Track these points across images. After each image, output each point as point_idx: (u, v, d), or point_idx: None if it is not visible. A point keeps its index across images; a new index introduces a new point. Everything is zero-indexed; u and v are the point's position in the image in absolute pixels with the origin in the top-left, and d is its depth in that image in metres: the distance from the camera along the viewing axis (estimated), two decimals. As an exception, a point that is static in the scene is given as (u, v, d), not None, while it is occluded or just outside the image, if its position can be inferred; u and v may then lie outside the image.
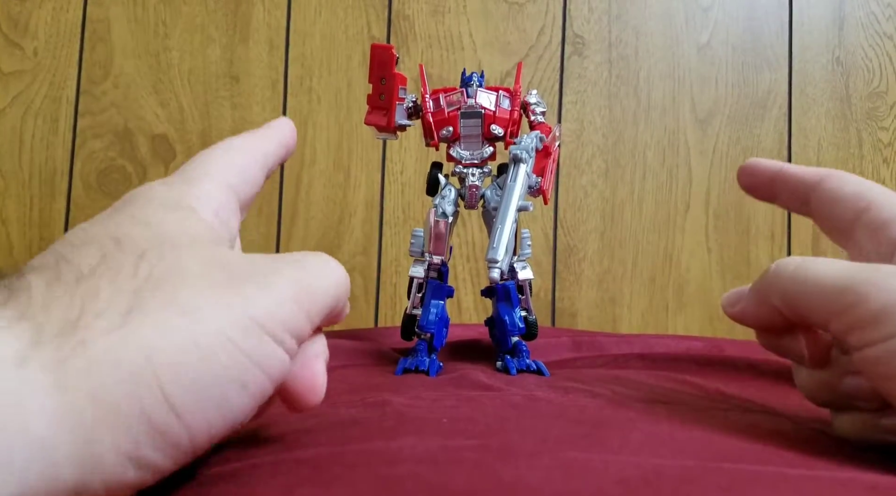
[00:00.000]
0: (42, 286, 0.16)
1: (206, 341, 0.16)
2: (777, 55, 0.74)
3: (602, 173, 0.73)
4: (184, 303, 0.16)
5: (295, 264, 0.20)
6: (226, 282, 0.17)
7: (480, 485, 0.16)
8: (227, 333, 0.16)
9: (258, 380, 0.17)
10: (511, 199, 0.34)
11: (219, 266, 0.18)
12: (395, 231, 0.71)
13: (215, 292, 0.17)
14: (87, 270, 0.16)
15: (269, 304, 0.18)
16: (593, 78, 0.73)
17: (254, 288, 0.18)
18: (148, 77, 0.71)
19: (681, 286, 0.72)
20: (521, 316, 0.41)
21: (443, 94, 0.42)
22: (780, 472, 0.18)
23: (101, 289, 0.16)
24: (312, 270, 0.20)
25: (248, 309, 0.17)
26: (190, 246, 0.18)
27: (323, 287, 0.20)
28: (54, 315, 0.15)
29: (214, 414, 0.16)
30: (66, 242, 0.18)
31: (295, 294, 0.19)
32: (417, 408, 0.23)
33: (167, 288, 0.16)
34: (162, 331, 0.15)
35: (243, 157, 0.23)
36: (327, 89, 0.72)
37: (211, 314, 0.16)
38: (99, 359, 0.15)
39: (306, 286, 0.19)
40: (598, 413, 0.24)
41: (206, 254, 0.18)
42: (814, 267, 0.22)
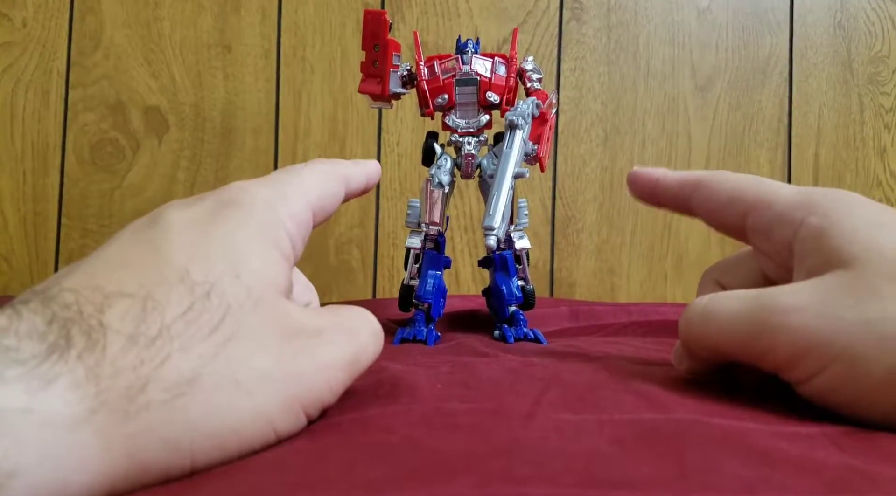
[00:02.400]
0: (119, 345, 0.15)
1: (247, 425, 0.16)
2: (778, 19, 0.73)
3: (601, 141, 0.72)
4: (242, 380, 0.16)
5: (352, 332, 0.20)
6: (286, 352, 0.18)
7: (475, 448, 0.16)
8: (270, 416, 0.17)
9: (271, 440, 0.17)
10: (507, 165, 0.33)
11: (286, 333, 0.18)
12: (392, 203, 0.71)
13: (274, 364, 0.17)
14: (170, 320, 0.16)
15: (317, 383, 0.18)
16: (592, 44, 0.72)
17: (309, 362, 0.18)
18: (139, 48, 0.69)
19: (679, 256, 0.72)
20: (518, 285, 0.41)
21: (437, 62, 0.42)
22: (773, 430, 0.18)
23: (174, 355, 0.16)
24: (363, 341, 0.20)
25: (299, 389, 0.18)
26: (267, 306, 0.18)
27: (366, 361, 0.20)
28: (120, 382, 0.15)
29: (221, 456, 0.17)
30: (161, 272, 0.17)
31: (342, 369, 0.19)
32: (413, 375, 0.23)
33: (234, 358, 0.17)
34: (212, 412, 0.16)
35: (332, 186, 0.23)
36: (321, 58, 0.71)
37: (262, 393, 0.17)
38: (147, 431, 0.15)
39: (354, 362, 0.20)
40: (593, 375, 0.24)
41: (279, 317, 0.18)
42: (717, 312, 0.22)
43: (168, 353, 0.16)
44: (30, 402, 0.14)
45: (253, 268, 0.18)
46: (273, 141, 0.70)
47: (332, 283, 0.70)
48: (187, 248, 0.18)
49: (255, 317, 0.17)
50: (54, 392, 0.14)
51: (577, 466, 0.15)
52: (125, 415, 0.15)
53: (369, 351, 0.20)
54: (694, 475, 0.14)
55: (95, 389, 0.15)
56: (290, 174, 0.22)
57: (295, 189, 0.22)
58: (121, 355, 0.15)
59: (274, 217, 0.20)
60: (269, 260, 0.19)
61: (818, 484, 0.14)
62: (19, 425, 0.13)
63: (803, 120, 0.73)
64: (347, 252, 0.71)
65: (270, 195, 0.20)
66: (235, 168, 0.70)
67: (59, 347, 0.15)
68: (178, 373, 0.16)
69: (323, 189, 0.23)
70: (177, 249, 0.18)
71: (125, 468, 0.15)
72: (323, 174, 0.23)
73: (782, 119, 0.73)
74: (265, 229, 0.19)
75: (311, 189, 0.22)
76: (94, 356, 0.15)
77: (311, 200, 0.22)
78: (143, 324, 0.16)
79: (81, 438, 0.14)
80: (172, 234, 0.18)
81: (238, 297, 0.17)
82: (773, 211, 0.23)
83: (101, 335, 0.15)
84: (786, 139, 0.73)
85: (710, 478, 0.14)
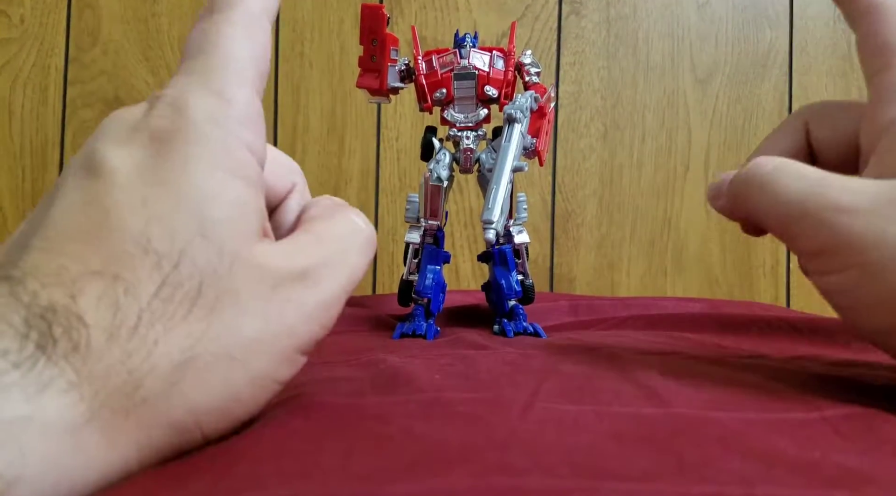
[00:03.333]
0: (102, 340, 0.15)
1: (248, 391, 0.16)
2: (778, 12, 0.72)
3: (600, 136, 0.72)
4: (234, 353, 0.16)
5: (340, 258, 0.19)
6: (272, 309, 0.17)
7: (473, 440, 0.16)
8: (267, 374, 0.17)
9: (276, 389, 0.17)
10: (506, 158, 0.33)
11: (269, 287, 0.17)
12: (391, 199, 0.71)
13: (262, 326, 0.17)
14: (146, 301, 0.15)
15: (310, 329, 0.18)
16: (591, 38, 0.72)
17: (298, 312, 0.17)
18: (137, 44, 0.69)
19: (679, 250, 0.72)
20: (517, 280, 0.41)
21: (435, 56, 0.42)
22: (774, 419, 0.18)
23: (160, 341, 0.15)
24: (354, 263, 0.19)
25: (291, 341, 0.17)
26: (243, 263, 0.17)
27: (359, 278, 0.19)
28: (113, 381, 0.15)
29: (231, 423, 0.17)
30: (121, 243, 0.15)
31: (334, 306, 0.18)
32: (411, 366, 0.23)
33: (222, 332, 0.16)
34: (211, 390, 0.16)
35: (259, 38, 0.19)
36: (319, 54, 0.70)
37: (256, 359, 0.16)
38: (150, 421, 0.15)
39: (349, 284, 0.19)
40: (592, 367, 0.24)
41: (257, 271, 0.17)
42: (778, 185, 0.21)
43: (154, 340, 0.15)
44: (28, 409, 0.13)
45: (218, 218, 0.16)
46: (272, 136, 0.70)
47: (331, 279, 0.70)
48: (140, 209, 0.16)
49: (232, 280, 0.16)
50: (50, 396, 0.14)
51: (574, 458, 0.15)
52: (125, 411, 0.15)
53: (361, 267, 0.19)
54: (691, 469, 0.14)
55: (90, 390, 0.14)
56: (214, 55, 0.18)
57: (230, 76, 0.18)
58: (107, 352, 0.15)
59: (224, 134, 0.17)
60: (234, 199, 0.17)
61: (817, 479, 0.14)
62: (21, 434, 0.13)
63: (803, 113, 0.73)
64: (347, 248, 0.70)
65: (209, 104, 0.17)
66: (234, 164, 0.70)
67: (45, 349, 0.14)
68: (168, 360, 0.15)
69: (254, 52, 0.19)
70: (129, 211, 0.16)
71: (137, 458, 0.15)
72: (245, 29, 0.19)
73: (782, 112, 0.72)
74: (219, 157, 0.17)
75: (244, 63, 0.18)
76: (80, 355, 0.14)
77: (252, 79, 0.18)
78: (120, 312, 0.15)
79: (84, 440, 0.14)
80: (117, 190, 0.16)
81: (210, 262, 0.16)
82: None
83: (81, 332, 0.15)
84: (786, 133, 0.73)
85: (707, 472, 0.14)
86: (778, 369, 0.26)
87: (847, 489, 0.14)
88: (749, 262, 0.72)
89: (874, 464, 0.15)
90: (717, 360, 0.27)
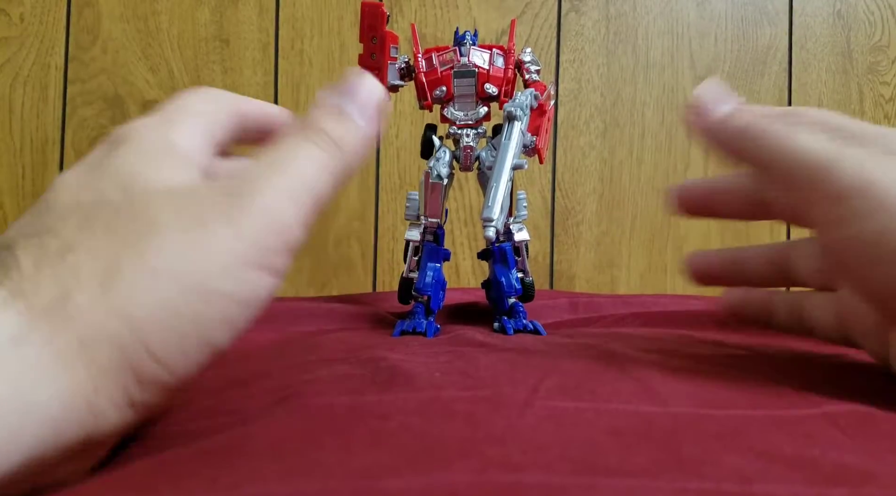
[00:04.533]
0: (31, 264, 0.16)
1: (184, 298, 0.16)
2: (777, 9, 0.72)
3: (600, 133, 0.72)
4: (157, 264, 0.16)
5: (274, 167, 0.18)
6: (200, 223, 0.17)
7: (472, 436, 0.16)
8: (205, 283, 0.16)
9: (244, 314, 0.17)
10: (506, 156, 0.33)
11: (192, 207, 0.17)
12: (391, 197, 0.71)
13: (189, 240, 0.17)
14: (70, 241, 0.16)
15: (250, 234, 0.17)
16: (591, 35, 0.72)
17: (228, 222, 0.17)
18: (137, 42, 0.69)
19: (679, 247, 0.72)
20: (517, 277, 0.41)
21: (435, 54, 0.42)
22: (773, 416, 0.18)
23: (82, 263, 0.16)
24: (296, 166, 0.18)
25: (225, 249, 0.17)
26: (163, 193, 0.17)
27: (310, 181, 0.19)
28: (43, 293, 0.15)
29: (201, 353, 0.17)
30: (52, 208, 0.18)
31: (280, 207, 0.18)
32: (411, 363, 0.23)
33: (141, 247, 0.16)
34: (140, 298, 0.16)
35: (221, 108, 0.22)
36: (319, 52, 0.70)
37: (186, 267, 0.16)
38: (88, 334, 0.15)
39: (292, 190, 0.18)
40: (591, 364, 0.24)
41: (178, 197, 0.17)
42: (802, 133, 0.22)
43: (75, 263, 0.16)
44: None
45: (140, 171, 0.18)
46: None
47: (331, 277, 0.70)
48: (75, 189, 0.18)
49: (149, 204, 0.17)
50: None
51: (573, 454, 0.15)
52: (62, 323, 0.15)
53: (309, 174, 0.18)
54: (690, 466, 0.14)
55: (25, 305, 0.15)
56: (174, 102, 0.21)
57: (181, 114, 0.20)
58: (35, 271, 0.16)
59: (163, 137, 0.19)
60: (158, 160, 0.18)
61: (816, 476, 0.14)
62: None
63: (803, 110, 0.72)
64: (347, 245, 0.71)
65: (154, 121, 0.20)
66: (234, 162, 0.70)
67: None
68: (94, 275, 0.16)
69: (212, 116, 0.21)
70: (66, 190, 0.18)
71: (88, 380, 0.15)
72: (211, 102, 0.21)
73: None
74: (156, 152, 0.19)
75: (198, 115, 0.20)
76: (11, 275, 0.16)
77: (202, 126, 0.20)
78: (45, 245, 0.16)
79: (27, 353, 0.15)
80: (62, 180, 0.18)
81: (126, 200, 0.17)
82: None
83: (10, 259, 0.16)
84: (786, 130, 0.73)
85: (706, 469, 0.14)
86: (777, 366, 0.26)
87: (847, 486, 0.14)
88: (749, 260, 0.72)
89: (874, 462, 0.15)
90: (717, 358, 0.27)
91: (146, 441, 0.18)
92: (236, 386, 0.22)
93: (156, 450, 0.17)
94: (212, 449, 0.16)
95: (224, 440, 0.16)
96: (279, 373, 0.23)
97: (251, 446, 0.16)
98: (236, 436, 0.16)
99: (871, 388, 0.21)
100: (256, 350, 0.30)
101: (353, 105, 0.20)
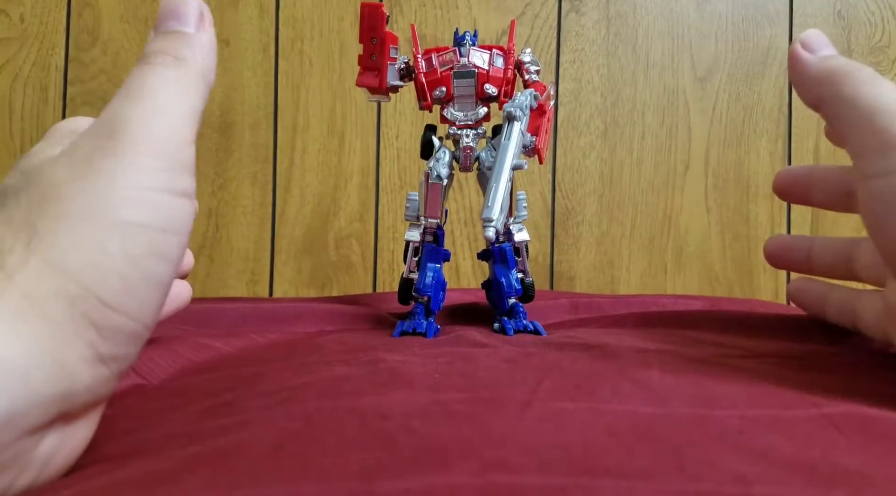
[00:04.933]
0: None
1: (106, 238, 0.17)
2: (777, 10, 0.72)
3: (600, 134, 0.72)
4: (69, 212, 0.17)
5: (133, 98, 0.19)
6: (92, 168, 0.17)
7: (470, 437, 0.16)
8: (118, 218, 0.17)
9: (170, 241, 0.18)
10: (505, 156, 0.33)
11: (80, 157, 0.18)
12: (391, 197, 0.71)
13: (89, 185, 0.17)
14: None
15: (139, 163, 0.18)
16: (591, 36, 0.72)
17: (116, 156, 0.18)
18: (137, 43, 0.69)
19: (680, 247, 0.72)
20: (517, 277, 0.41)
21: (435, 54, 0.42)
22: (773, 417, 0.18)
23: (5, 235, 0.17)
24: (151, 90, 0.19)
25: (123, 183, 0.17)
26: (51, 159, 0.18)
27: (173, 99, 0.19)
28: None
29: (148, 291, 0.17)
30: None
31: (156, 130, 0.18)
32: (410, 365, 0.23)
33: (49, 207, 0.17)
34: (65, 249, 0.16)
35: None
36: (319, 52, 0.70)
37: (95, 210, 0.17)
38: (31, 291, 0.16)
39: (160, 113, 0.19)
40: (591, 364, 0.24)
41: (65, 156, 0.18)
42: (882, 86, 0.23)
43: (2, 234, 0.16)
44: None
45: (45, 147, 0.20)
46: (272, 135, 0.70)
47: (332, 278, 0.70)
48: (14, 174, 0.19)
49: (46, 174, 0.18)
50: None
51: (572, 455, 0.15)
52: (4, 282, 0.15)
53: (176, 102, 0.19)
54: (689, 467, 0.14)
55: None
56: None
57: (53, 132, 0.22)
58: None
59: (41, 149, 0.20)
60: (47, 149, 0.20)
61: (815, 478, 0.14)
62: None
63: (803, 110, 0.72)
64: (347, 246, 0.71)
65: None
66: (234, 162, 0.70)
67: None
68: (16, 241, 0.16)
69: None
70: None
71: (48, 334, 0.15)
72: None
73: (782, 109, 0.72)
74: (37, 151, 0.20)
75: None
76: None
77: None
78: None
79: None
80: None
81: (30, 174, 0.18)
82: None
83: None
84: (786, 130, 0.73)
85: (704, 471, 0.14)
86: (777, 367, 0.26)
87: (846, 488, 0.14)
88: (749, 260, 0.72)
89: (873, 464, 0.15)
90: (717, 358, 0.27)
91: (146, 442, 0.18)
92: (236, 387, 0.22)
93: (155, 450, 0.17)
94: (211, 450, 0.16)
95: (223, 441, 0.16)
96: (279, 375, 0.23)
97: (250, 448, 0.16)
98: (236, 437, 0.16)
99: (870, 390, 0.21)
100: (256, 351, 0.30)
101: (172, 21, 0.21)
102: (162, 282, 0.18)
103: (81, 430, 0.17)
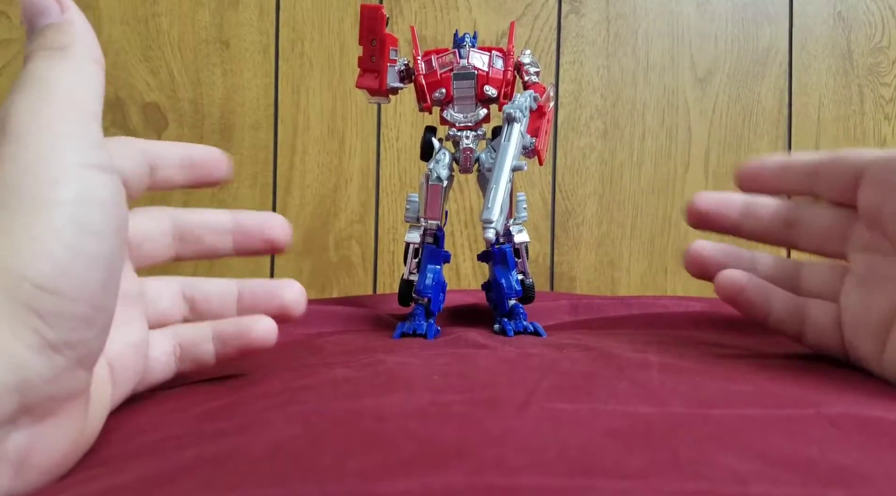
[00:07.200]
0: None
1: (28, 225, 0.16)
2: (777, 10, 0.72)
3: (601, 135, 0.72)
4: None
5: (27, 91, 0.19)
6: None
7: (469, 438, 0.16)
8: (35, 201, 0.17)
9: (95, 213, 0.17)
10: (505, 158, 0.33)
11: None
12: (391, 198, 0.71)
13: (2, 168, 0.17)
14: None
15: (49, 148, 0.18)
16: (591, 37, 0.72)
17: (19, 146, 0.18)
18: (137, 44, 0.69)
19: (680, 248, 0.72)
20: (517, 279, 0.41)
21: (435, 56, 0.42)
22: (771, 416, 0.18)
23: None
24: (45, 80, 0.20)
25: (28, 169, 0.17)
26: None
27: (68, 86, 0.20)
28: None
29: (83, 269, 0.17)
30: None
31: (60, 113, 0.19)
32: (410, 366, 0.23)
33: None
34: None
35: None
36: (319, 53, 0.71)
37: (7, 198, 0.17)
38: None
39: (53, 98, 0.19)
40: (589, 365, 0.24)
41: None
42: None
43: None
44: None
45: None
46: (272, 136, 0.70)
47: (332, 279, 0.70)
48: None
49: None
50: None
51: (570, 456, 0.15)
52: None
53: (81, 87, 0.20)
54: (687, 467, 0.14)
55: None
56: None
57: None
58: None
59: None
60: None
61: (813, 477, 0.14)
62: None
63: (803, 111, 0.72)
64: (347, 247, 0.71)
65: None
66: (235, 164, 0.70)
67: None
68: None
69: None
70: None
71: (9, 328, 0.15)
72: None
73: (782, 110, 0.72)
74: None
75: None
76: None
77: None
78: None
79: None
80: None
81: None
82: None
83: None
84: (786, 131, 0.73)
85: (702, 470, 0.14)
86: (775, 367, 0.26)
87: (843, 487, 0.14)
88: (749, 261, 0.72)
89: (871, 463, 0.15)
90: (715, 359, 0.27)
91: (144, 445, 0.18)
92: (235, 389, 0.22)
93: (154, 453, 0.17)
94: (211, 452, 0.16)
95: (222, 444, 0.16)
96: (279, 377, 0.23)
97: (249, 450, 0.16)
98: (234, 439, 0.16)
99: (868, 389, 0.21)
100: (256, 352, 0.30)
101: (40, 19, 0.22)
102: (96, 257, 0.17)
103: (58, 430, 0.17)
